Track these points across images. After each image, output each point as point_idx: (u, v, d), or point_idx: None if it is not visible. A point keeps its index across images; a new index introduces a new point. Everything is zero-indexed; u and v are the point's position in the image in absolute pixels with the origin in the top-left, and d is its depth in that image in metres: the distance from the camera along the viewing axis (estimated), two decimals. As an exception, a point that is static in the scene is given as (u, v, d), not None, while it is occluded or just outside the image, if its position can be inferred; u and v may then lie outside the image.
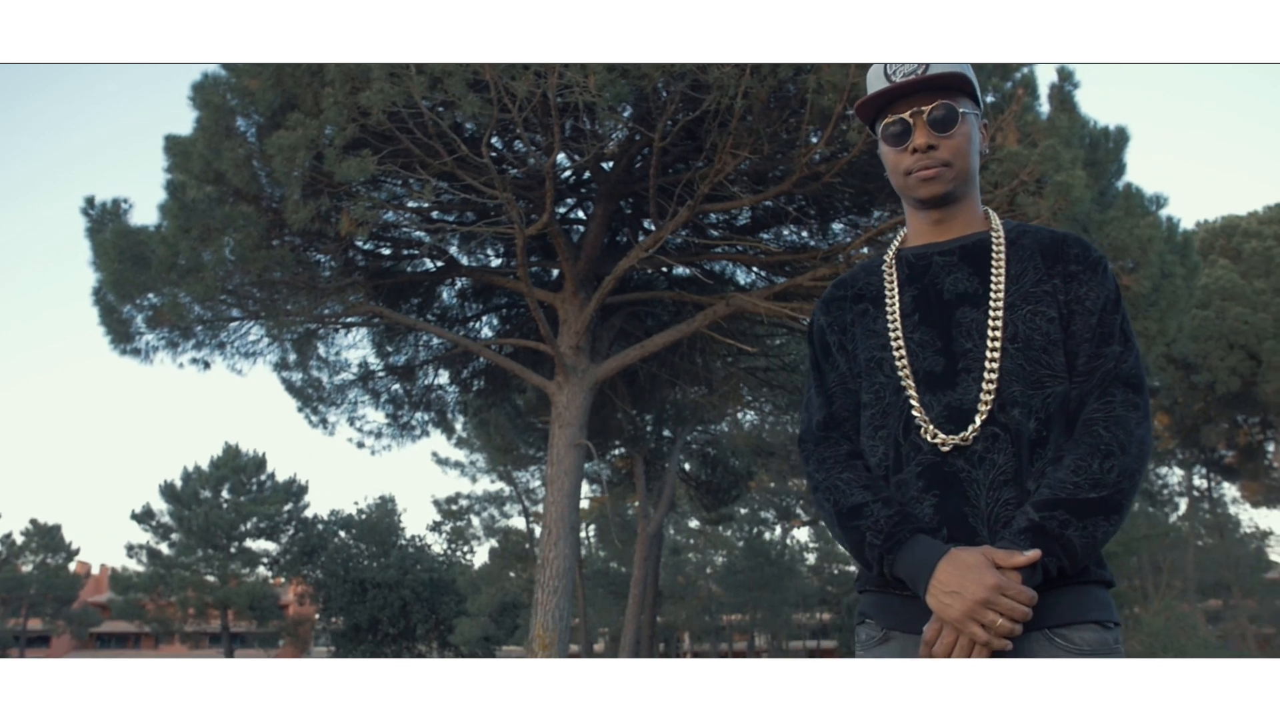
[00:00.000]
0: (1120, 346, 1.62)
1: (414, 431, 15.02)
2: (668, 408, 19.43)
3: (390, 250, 12.79)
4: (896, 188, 1.77)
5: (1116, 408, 1.57)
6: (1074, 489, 1.52)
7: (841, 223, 12.44)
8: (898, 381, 1.68)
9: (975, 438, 1.59)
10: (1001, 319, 1.64)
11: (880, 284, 1.78)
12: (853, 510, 1.64)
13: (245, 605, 39.60)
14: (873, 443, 1.70)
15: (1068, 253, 1.69)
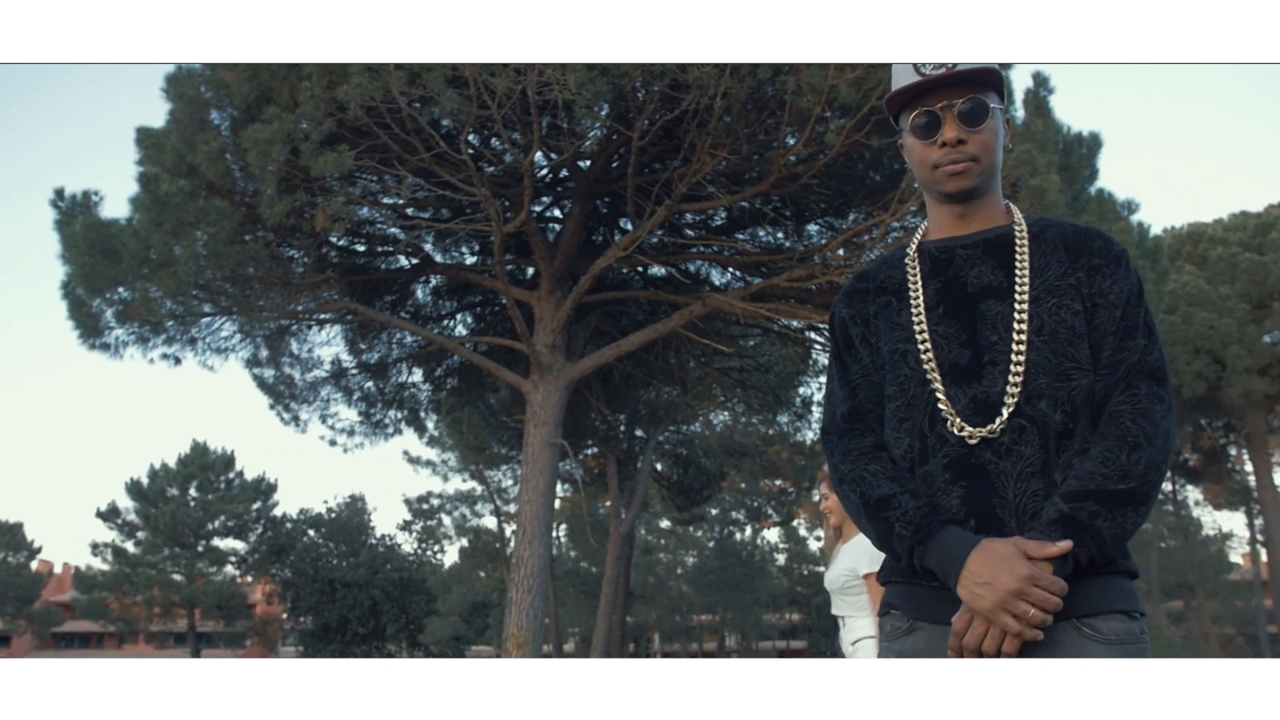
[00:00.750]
0: (1144, 340, 1.64)
1: (387, 430, 14.93)
2: (641, 408, 19.45)
3: (365, 247, 12.71)
4: (921, 181, 1.78)
5: (1142, 400, 1.59)
6: (1103, 480, 1.53)
7: (817, 224, 12.50)
8: (923, 374, 1.68)
9: (1002, 430, 1.60)
10: (1027, 312, 1.65)
11: (903, 277, 1.79)
12: (880, 501, 1.65)
13: (212, 605, 39.17)
14: (897, 435, 1.71)
15: (1091, 246, 1.70)
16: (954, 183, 1.72)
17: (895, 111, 1.80)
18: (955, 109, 1.70)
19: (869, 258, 10.33)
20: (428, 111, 8.84)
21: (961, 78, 1.70)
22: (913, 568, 1.62)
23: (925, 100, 1.72)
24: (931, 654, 1.61)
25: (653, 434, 22.82)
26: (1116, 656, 1.51)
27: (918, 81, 1.71)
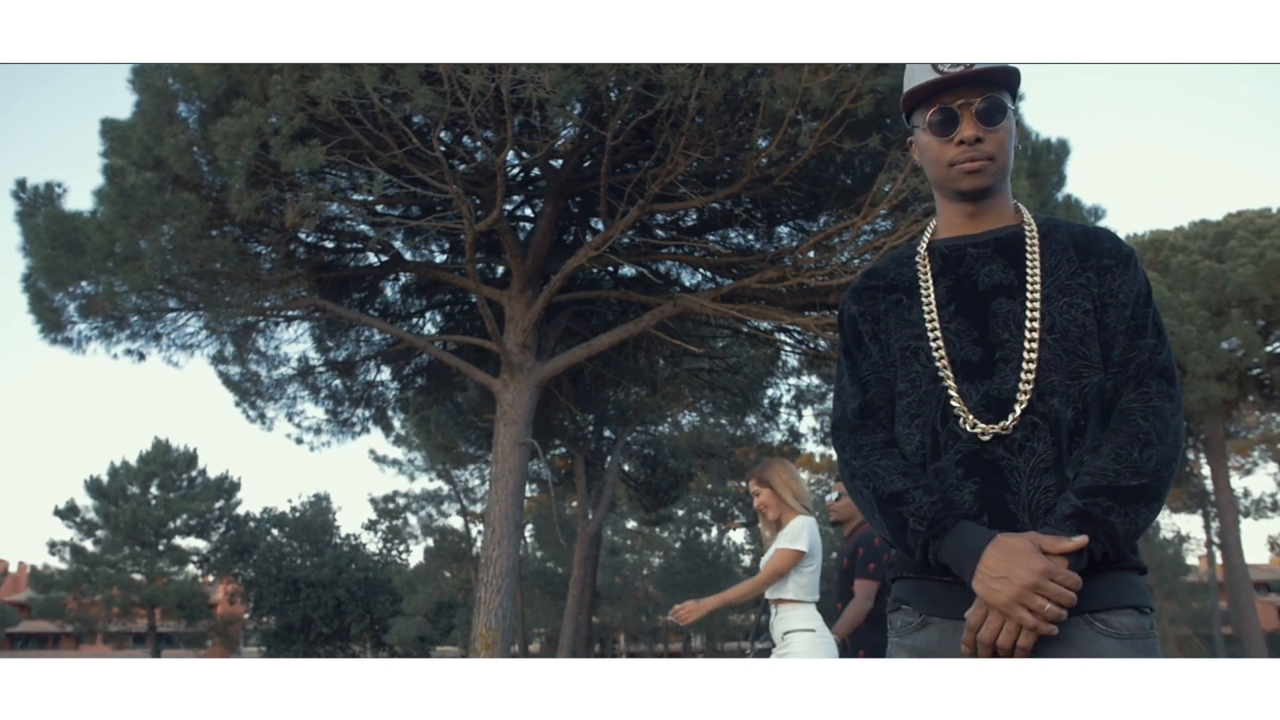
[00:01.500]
0: (1153, 339, 1.67)
1: (354, 428, 14.81)
2: (610, 408, 19.43)
3: (334, 243, 12.60)
4: (935, 179, 1.79)
5: (1153, 398, 1.62)
6: (1115, 476, 1.55)
7: (788, 226, 12.54)
8: (934, 371, 1.70)
9: (1015, 426, 1.62)
10: (1039, 310, 1.67)
11: (913, 275, 1.80)
12: (894, 496, 1.66)
13: (173, 604, 38.63)
14: (908, 431, 1.72)
15: (1100, 247, 1.73)
16: (969, 180, 1.73)
17: (910, 109, 1.81)
18: (973, 107, 1.71)
19: (839, 260, 10.39)
20: (400, 108, 8.77)
21: (979, 76, 1.71)
22: (926, 563, 1.63)
23: (943, 98, 1.73)
24: (943, 649, 1.62)
25: (621, 434, 22.81)
26: (1129, 652, 1.53)
27: (936, 79, 1.72)
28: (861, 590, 5.01)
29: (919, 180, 9.03)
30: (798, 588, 4.32)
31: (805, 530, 4.35)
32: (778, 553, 4.32)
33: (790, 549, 4.30)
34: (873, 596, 5.00)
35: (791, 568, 4.30)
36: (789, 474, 4.52)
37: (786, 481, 4.49)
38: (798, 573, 4.32)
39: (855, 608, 4.99)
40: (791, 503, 4.45)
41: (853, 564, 5.11)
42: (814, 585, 4.37)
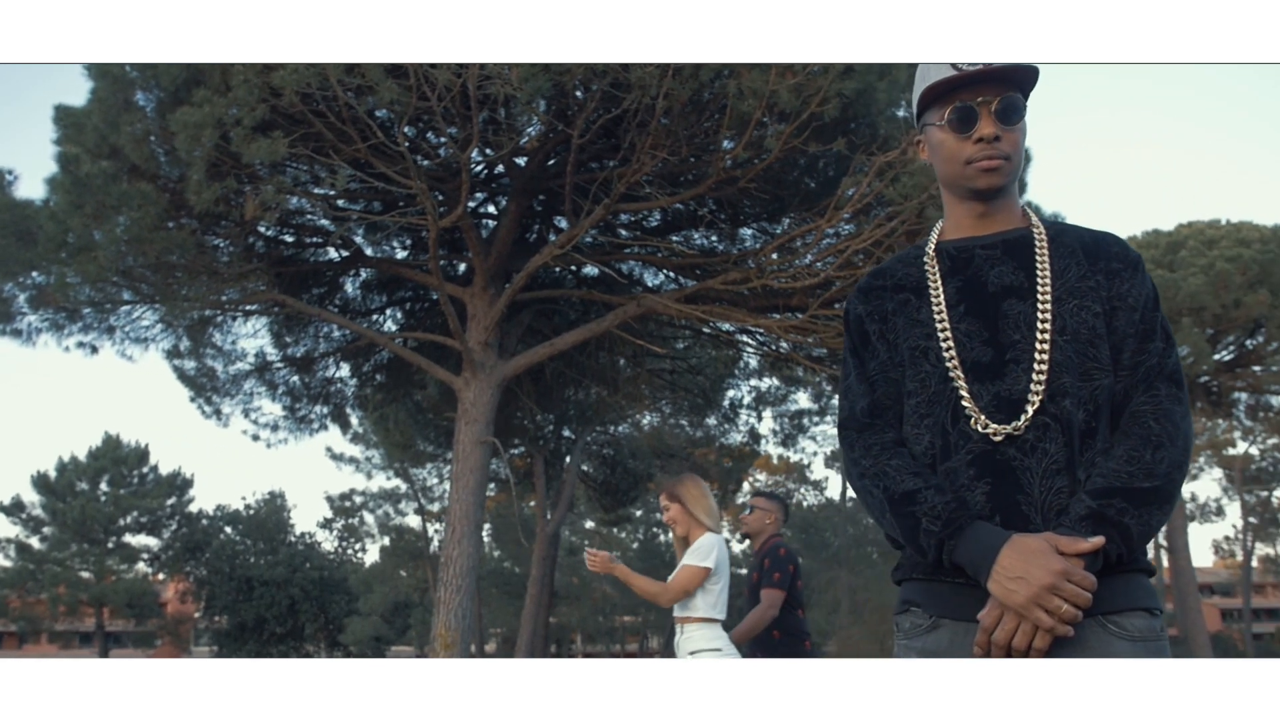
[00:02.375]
0: (1162, 343, 1.68)
1: (312, 425, 14.62)
2: (570, 407, 19.38)
3: (293, 237, 12.43)
4: (948, 177, 1.77)
5: (1163, 401, 1.63)
6: (1129, 478, 1.56)
7: (751, 228, 12.58)
8: (944, 371, 1.69)
9: (1026, 427, 1.62)
10: (1050, 312, 1.67)
11: (921, 275, 1.80)
12: (905, 496, 1.65)
13: (122, 603, 37.96)
14: (918, 431, 1.72)
15: (1108, 250, 1.74)
16: (986, 179, 1.72)
17: (923, 107, 1.79)
18: (992, 105, 1.71)
19: (802, 263, 10.44)
20: (365, 101, 8.67)
21: (998, 75, 1.71)
22: (938, 563, 1.62)
23: (961, 95, 1.72)
24: (954, 651, 1.61)
25: (581, 434, 22.77)
26: (1141, 654, 1.54)
27: (955, 76, 1.71)
28: (767, 599, 5.03)
29: (883, 184, 9.10)
30: (705, 605, 4.29)
31: (715, 548, 4.33)
32: (685, 569, 4.29)
33: (698, 566, 4.28)
34: (778, 605, 5.04)
35: (699, 585, 4.28)
36: (700, 490, 4.50)
37: (697, 498, 4.46)
38: (705, 590, 4.29)
39: (758, 614, 5.02)
40: (702, 519, 4.42)
41: (761, 576, 5.14)
42: (722, 603, 4.35)
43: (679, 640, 4.34)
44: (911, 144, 8.93)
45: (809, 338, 10.77)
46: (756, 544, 5.44)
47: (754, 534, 5.45)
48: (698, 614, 4.28)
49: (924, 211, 8.80)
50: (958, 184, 1.76)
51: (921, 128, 1.83)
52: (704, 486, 4.54)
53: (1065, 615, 1.48)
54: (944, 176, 1.79)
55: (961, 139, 1.72)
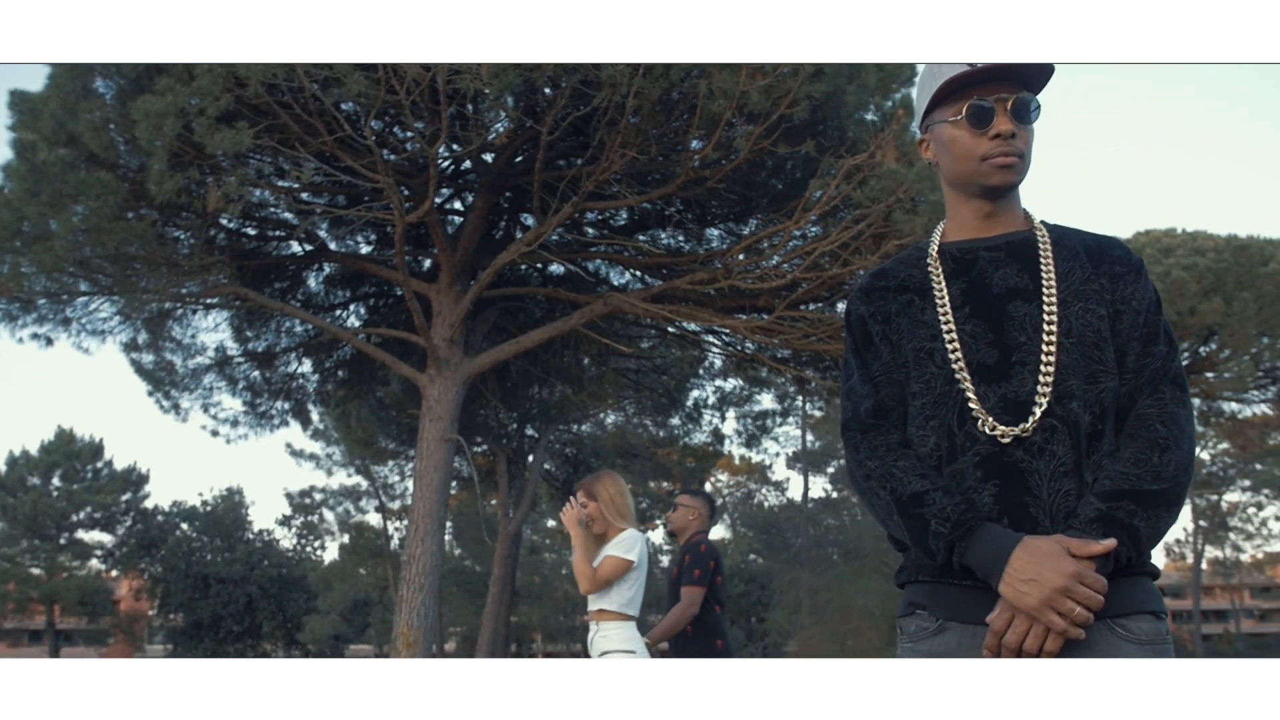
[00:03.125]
0: (1165, 347, 1.69)
1: (272, 421, 14.45)
2: (533, 406, 19.32)
3: (256, 231, 12.27)
4: (961, 175, 1.76)
5: (1168, 404, 1.64)
6: (1137, 480, 1.56)
7: (719, 229, 12.60)
8: (950, 372, 1.68)
9: (1034, 429, 1.61)
10: (1056, 314, 1.67)
11: (924, 276, 1.79)
12: (914, 498, 1.64)
13: (74, 600, 37.31)
14: (923, 432, 1.71)
15: (1111, 254, 1.75)
16: (1001, 175, 1.72)
17: (933, 105, 1.78)
18: (1008, 103, 1.70)
19: (769, 264, 10.47)
20: (332, 93, 8.57)
21: (1015, 72, 1.71)
22: (947, 566, 1.61)
23: (977, 91, 1.72)
24: (962, 654, 1.60)
25: (544, 433, 22.70)
26: (1148, 656, 1.54)
27: (973, 71, 1.71)
28: (686, 596, 5.02)
29: (851, 187, 9.14)
30: (621, 600, 4.32)
31: (639, 543, 4.37)
32: (611, 559, 4.30)
33: (623, 557, 4.30)
34: (698, 603, 5.03)
35: (620, 578, 4.30)
36: (618, 488, 4.52)
37: (613, 496, 4.49)
38: (623, 585, 4.32)
39: (677, 613, 5.02)
40: (615, 518, 4.45)
41: (681, 572, 5.14)
42: (637, 600, 4.38)
43: (593, 637, 4.36)
44: (879, 146, 9.00)
45: (774, 339, 10.81)
46: (681, 540, 5.43)
47: (679, 531, 5.44)
48: (613, 607, 4.30)
49: (891, 215, 8.86)
50: (971, 181, 1.75)
51: (927, 127, 1.82)
52: (622, 484, 4.56)
53: (1077, 618, 1.48)
54: (955, 174, 1.77)
55: (977, 135, 1.71)
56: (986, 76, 1.71)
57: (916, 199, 8.76)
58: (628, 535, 4.38)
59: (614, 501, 4.48)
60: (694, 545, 5.21)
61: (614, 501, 4.48)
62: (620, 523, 4.45)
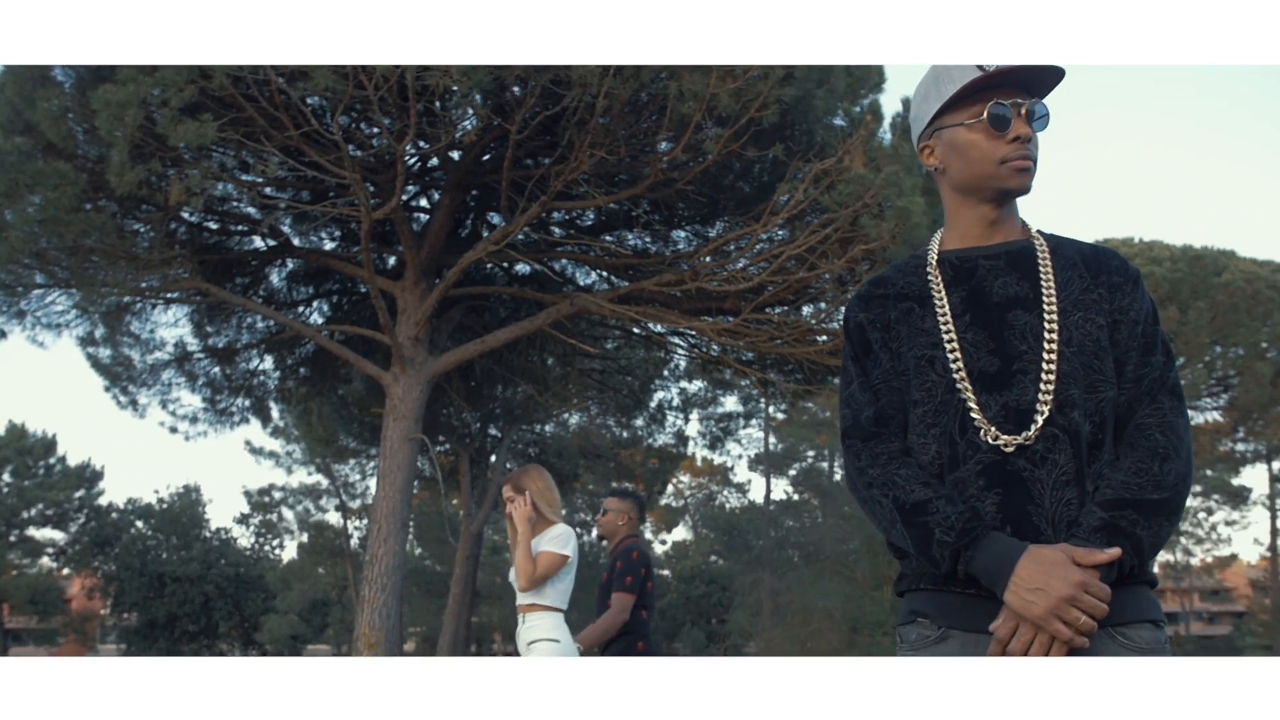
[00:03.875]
0: (1163, 357, 1.70)
1: (233, 418, 14.27)
2: (496, 406, 19.25)
3: (218, 225, 12.10)
4: (975, 178, 1.75)
5: (1167, 414, 1.65)
6: (1138, 489, 1.57)
7: (685, 230, 12.62)
8: (951, 380, 1.69)
9: (1036, 438, 1.62)
10: (1057, 323, 1.68)
11: (923, 284, 1.79)
12: (917, 506, 1.63)
13: (24, 599, 36.59)
14: (924, 440, 1.71)
15: (1109, 264, 1.76)
16: (1018, 179, 1.72)
17: (942, 110, 1.77)
18: (1023, 108, 1.72)
19: (737, 267, 10.50)
20: (298, 87, 8.46)
21: (1026, 78, 1.72)
22: (951, 574, 1.61)
23: (995, 95, 1.72)
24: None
25: (508, 433, 22.62)
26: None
27: (990, 75, 1.71)
28: (618, 603, 4.98)
29: (819, 191, 9.19)
30: (554, 594, 4.34)
31: (571, 538, 4.40)
32: (545, 555, 4.32)
33: (558, 553, 4.33)
34: (628, 609, 4.99)
35: (557, 572, 4.32)
36: (545, 482, 4.54)
37: (542, 490, 4.51)
38: (556, 579, 4.33)
39: (608, 619, 4.98)
40: (546, 512, 4.46)
41: (612, 578, 5.09)
42: (567, 593, 4.41)
43: (520, 630, 4.37)
44: (846, 151, 9.06)
45: (740, 341, 10.84)
46: (612, 544, 5.34)
47: (609, 535, 5.35)
48: (545, 602, 4.32)
49: (858, 220, 8.92)
50: (986, 185, 1.75)
51: (932, 132, 1.81)
52: (549, 479, 4.57)
53: (1083, 627, 1.49)
54: (969, 178, 1.76)
55: (995, 139, 1.72)
56: (1000, 81, 1.72)
57: (883, 204, 8.82)
58: (560, 530, 4.40)
59: (544, 495, 4.48)
60: (625, 551, 5.13)
61: (544, 495, 4.48)
62: (552, 516, 4.45)
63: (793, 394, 13.03)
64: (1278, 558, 36.12)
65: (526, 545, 4.34)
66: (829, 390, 13.08)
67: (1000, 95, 1.72)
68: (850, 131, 9.42)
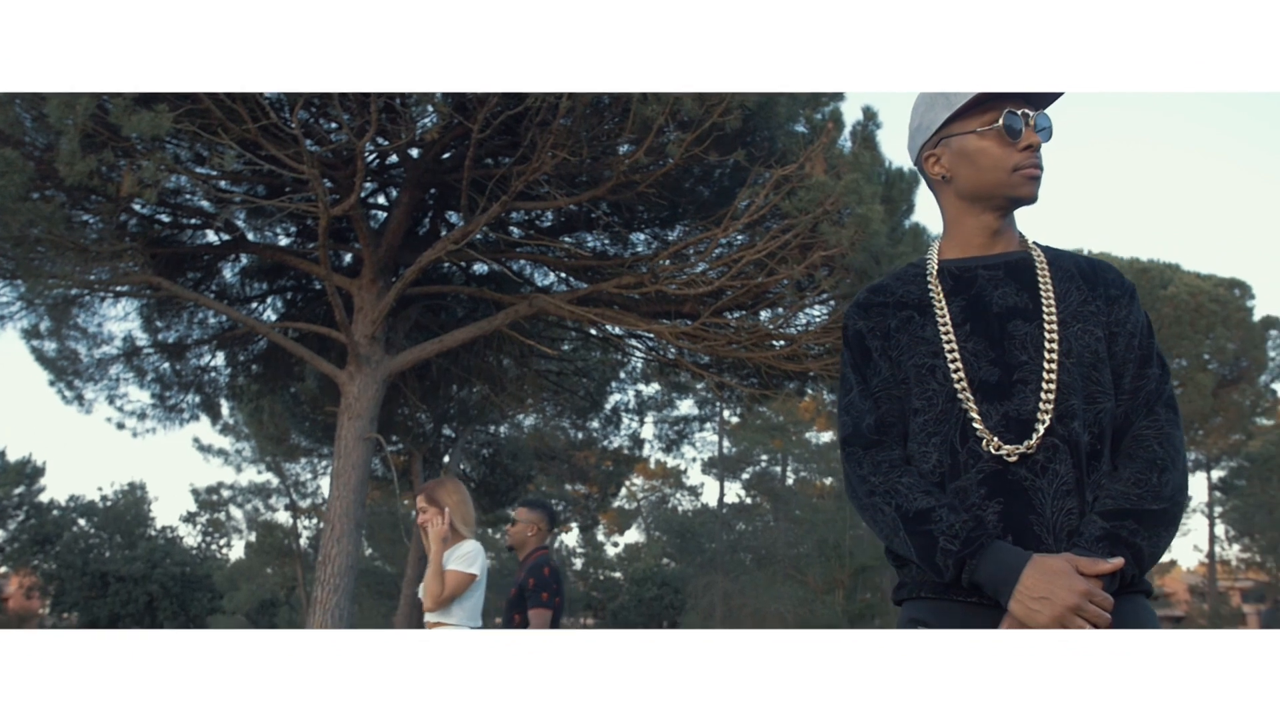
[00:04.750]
0: (1159, 369, 1.73)
1: (182, 414, 14.01)
2: (451, 406, 19.12)
3: (170, 218, 11.88)
4: (986, 186, 1.77)
5: (1164, 426, 1.67)
6: (1138, 499, 1.60)
7: (645, 233, 12.63)
8: (952, 390, 1.70)
9: (1037, 447, 1.63)
10: (1057, 334, 1.70)
11: (922, 293, 1.80)
12: (920, 515, 1.64)
13: (-41, 597, 35.62)
14: (925, 449, 1.72)
15: (1106, 278, 1.79)
16: (1029, 187, 1.75)
17: (952, 118, 1.79)
18: (1032, 118, 1.75)
19: (696, 271, 10.53)
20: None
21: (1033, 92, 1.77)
22: (955, 582, 1.62)
23: (1010, 104, 1.75)
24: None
25: (462, 433, 22.48)
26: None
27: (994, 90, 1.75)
28: (536, 619, 4.91)
29: (779, 197, 9.25)
30: (460, 613, 4.27)
31: (480, 555, 4.31)
32: (453, 574, 4.23)
33: (465, 572, 4.25)
34: (547, 624, 4.94)
35: (464, 592, 4.25)
36: (460, 495, 4.45)
37: (457, 504, 4.41)
38: (464, 597, 4.26)
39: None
40: (460, 527, 4.38)
41: (521, 592, 5.02)
42: (477, 611, 4.34)
43: None
44: (808, 158, 9.12)
45: (699, 345, 10.87)
46: (521, 555, 5.26)
47: (518, 545, 5.28)
48: (451, 620, 4.23)
49: (818, 226, 8.99)
50: (997, 193, 1.77)
51: (938, 140, 1.82)
52: (465, 492, 4.46)
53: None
54: (979, 186, 1.78)
55: (1007, 147, 1.74)
56: (1007, 93, 1.75)
57: (843, 211, 8.90)
58: (469, 548, 4.29)
59: (459, 509, 4.37)
60: (537, 566, 5.04)
61: (459, 509, 4.37)
62: (465, 531, 4.34)
63: (749, 398, 13.10)
64: (1215, 564, 36.98)
65: (438, 564, 4.25)
66: (784, 395, 13.17)
67: (1010, 105, 1.75)
68: (812, 138, 9.49)
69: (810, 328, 10.76)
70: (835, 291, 9.96)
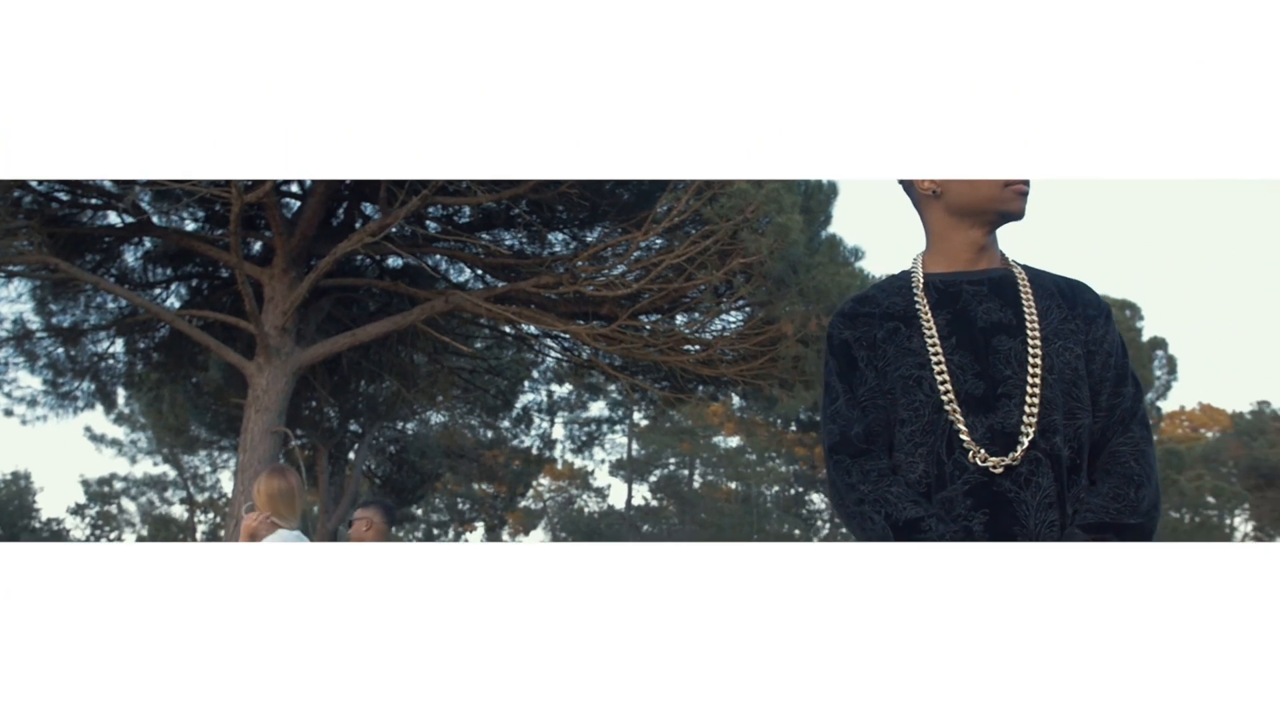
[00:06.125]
0: (1133, 388, 1.79)
1: (76, 402, 13.46)
2: (359, 401, 18.79)
3: (68, 197, 11.40)
4: (978, 201, 1.81)
5: (1139, 443, 1.73)
6: (1116, 514, 1.65)
7: (563, 233, 12.62)
8: (938, 401, 1.73)
9: (1021, 460, 1.67)
10: (1040, 350, 1.74)
11: (907, 305, 1.83)
12: (910, 524, 1.67)
13: None
14: (911, 459, 1.74)
15: (1084, 297, 1.85)
16: (1018, 203, 1.80)
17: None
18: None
19: (615, 273, 10.56)
20: (170, 60, 8.07)
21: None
22: None
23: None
24: None
25: (369, 429, 22.09)
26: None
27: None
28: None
29: (700, 203, 9.34)
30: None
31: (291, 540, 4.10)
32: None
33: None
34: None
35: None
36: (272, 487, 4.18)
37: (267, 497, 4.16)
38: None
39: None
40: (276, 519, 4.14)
41: None
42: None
43: None
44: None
45: (615, 347, 10.90)
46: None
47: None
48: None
49: (737, 233, 9.10)
50: (988, 208, 1.81)
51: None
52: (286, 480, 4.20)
53: None
54: (971, 200, 1.82)
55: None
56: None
57: (763, 220, 9.03)
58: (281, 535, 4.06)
59: (270, 503, 4.10)
60: None
61: (270, 503, 4.10)
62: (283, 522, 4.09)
63: (662, 401, 13.19)
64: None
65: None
66: (697, 399, 13.29)
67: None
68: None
69: (725, 333, 10.88)
70: (752, 298, 10.10)
